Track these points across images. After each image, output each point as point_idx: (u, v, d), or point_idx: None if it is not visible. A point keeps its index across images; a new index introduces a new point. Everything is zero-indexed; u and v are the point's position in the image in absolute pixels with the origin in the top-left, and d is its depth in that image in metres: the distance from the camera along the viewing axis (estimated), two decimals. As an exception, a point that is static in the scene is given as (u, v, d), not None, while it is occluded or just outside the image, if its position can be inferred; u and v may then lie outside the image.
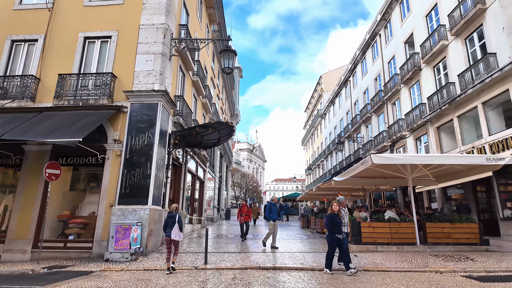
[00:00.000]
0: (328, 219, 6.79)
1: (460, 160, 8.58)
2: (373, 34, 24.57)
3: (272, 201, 10.70)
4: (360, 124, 26.92)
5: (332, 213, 6.81)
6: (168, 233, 6.91)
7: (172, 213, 7.16)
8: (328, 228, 6.76)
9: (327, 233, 6.82)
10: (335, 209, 6.84)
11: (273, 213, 10.02)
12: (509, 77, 11.02)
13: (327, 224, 6.76)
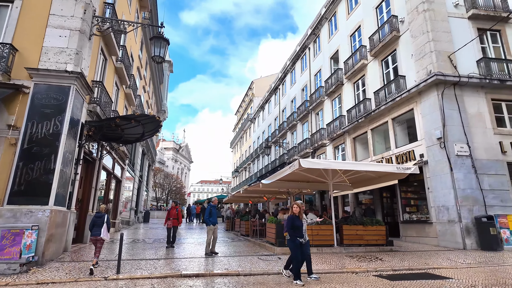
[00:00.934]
0: (288, 221, 6.25)
1: (375, 167, 9.44)
2: (303, 46, 26.03)
3: (213, 202, 9.99)
4: (286, 131, 28.12)
5: (292, 215, 6.29)
6: (96, 232, 7.10)
7: (100, 213, 7.35)
8: (288, 231, 6.18)
9: (288, 238, 6.24)
10: (296, 211, 6.36)
11: (213, 216, 9.42)
12: (414, 98, 12.70)
13: (288, 227, 6.19)
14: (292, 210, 6.43)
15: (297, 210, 6.36)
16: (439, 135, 11.25)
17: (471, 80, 11.63)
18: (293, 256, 6.07)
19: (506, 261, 7.93)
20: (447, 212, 10.82)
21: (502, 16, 12.59)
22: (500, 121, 11.84)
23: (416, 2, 12.98)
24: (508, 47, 12.73)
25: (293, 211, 6.38)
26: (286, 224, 6.33)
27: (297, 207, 6.40)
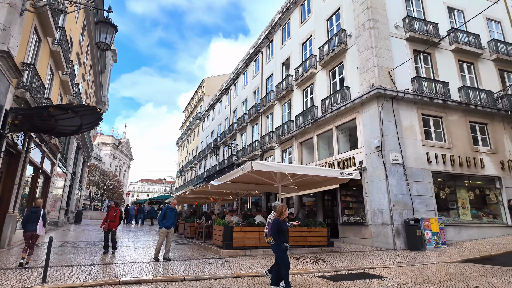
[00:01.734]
0: (274, 225, 5.77)
1: (322, 172, 9.86)
2: (256, 50, 26.33)
3: (171, 205, 9.34)
4: (236, 132, 28.10)
5: (278, 218, 5.84)
6: (31, 228, 7.00)
7: (36, 208, 7.24)
8: (274, 236, 5.73)
9: (273, 242, 5.79)
10: (287, 213, 6.02)
11: (168, 219, 8.80)
12: (357, 108, 13.61)
13: (273, 232, 5.74)
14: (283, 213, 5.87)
15: (287, 214, 6.02)
16: (377, 144, 12.21)
17: (406, 96, 12.86)
18: (280, 262, 5.64)
19: (429, 260, 8.87)
20: (381, 215, 11.77)
21: (433, 41, 14.17)
22: (427, 134, 13.28)
23: (363, 19, 13.96)
24: (437, 69, 14.37)
25: (285, 214, 5.89)
26: (271, 228, 5.85)
27: (286, 210, 6.00)
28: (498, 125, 14.61)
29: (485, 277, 6.67)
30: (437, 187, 12.77)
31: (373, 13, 13.68)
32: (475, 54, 15.24)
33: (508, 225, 13.15)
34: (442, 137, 13.47)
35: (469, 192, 13.36)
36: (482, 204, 13.66)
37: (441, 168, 12.79)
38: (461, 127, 13.81)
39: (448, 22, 15.61)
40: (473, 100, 14.22)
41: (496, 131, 14.44)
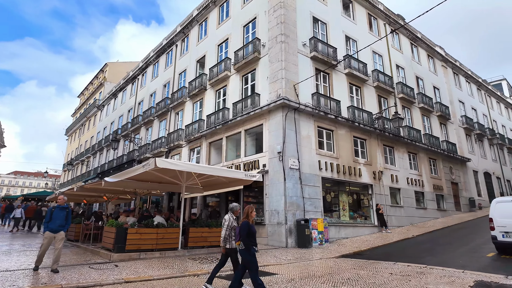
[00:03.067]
0: (244, 228, 5.43)
1: (228, 173, 10.04)
2: (171, 42, 25.20)
3: (58, 201, 7.59)
4: (141, 125, 26.22)
5: (247, 221, 5.54)
6: None
7: None
8: (245, 239, 5.39)
9: (242, 247, 5.45)
10: (254, 215, 5.71)
11: (54, 221, 7.14)
12: (265, 115, 14.40)
13: (244, 235, 5.40)
14: (249, 215, 5.66)
15: (254, 215, 5.82)
16: (280, 150, 13.15)
17: (306, 109, 14.24)
18: (250, 267, 5.36)
19: (314, 256, 9.99)
20: (277, 215, 12.69)
21: (332, 63, 16.10)
22: (321, 144, 14.97)
23: (276, 32, 14.89)
24: (332, 88, 16.39)
25: (251, 216, 5.68)
26: (240, 231, 5.51)
27: (254, 212, 5.82)
28: (373, 141, 17.54)
29: (356, 270, 7.89)
30: (325, 191, 14.51)
31: (285, 28, 14.74)
32: (362, 80, 18.00)
33: (375, 225, 15.86)
34: (332, 147, 15.38)
35: (348, 196, 15.62)
36: (357, 207, 16.14)
37: (329, 174, 14.59)
38: (347, 140, 16.05)
39: (344, 48, 18.01)
40: (357, 118, 16.71)
41: (372, 146, 17.30)
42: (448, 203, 21.45)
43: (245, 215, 5.62)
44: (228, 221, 5.88)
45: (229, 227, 5.84)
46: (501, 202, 9.29)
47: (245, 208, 5.74)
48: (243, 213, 5.70)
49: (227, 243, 5.84)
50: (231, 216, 5.97)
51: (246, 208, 5.72)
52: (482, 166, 27.33)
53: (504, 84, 45.81)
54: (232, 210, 6.06)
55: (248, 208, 5.67)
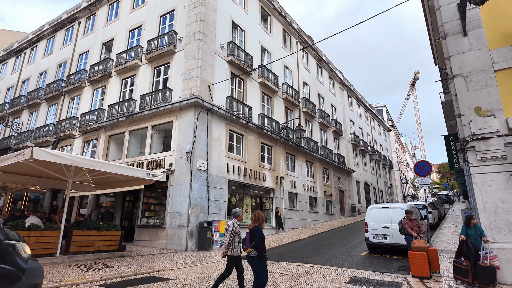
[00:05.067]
0: (258, 234, 5.07)
1: (126, 171, 9.14)
2: (72, 18, 22.01)
3: None
4: (23, 108, 21.96)
5: (260, 226, 5.19)
6: None
7: None
8: (259, 246, 5.02)
9: (253, 254, 5.07)
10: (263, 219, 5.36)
11: None
12: (176, 112, 13.79)
13: (258, 241, 5.03)
14: (261, 219, 5.34)
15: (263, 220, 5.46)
16: (189, 150, 12.76)
17: (220, 111, 14.24)
18: (261, 276, 5.06)
19: (213, 259, 9.93)
20: (180, 217, 12.22)
21: (247, 70, 16.58)
22: (231, 147, 15.17)
23: (194, 29, 14.51)
24: (246, 95, 16.86)
25: (262, 220, 5.35)
26: (255, 237, 5.08)
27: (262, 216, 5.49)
28: (278, 149, 18.70)
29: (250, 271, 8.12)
30: (230, 193, 14.71)
31: (204, 27, 14.51)
32: (273, 91, 19.06)
33: (273, 227, 16.84)
34: (241, 151, 15.75)
35: (252, 199, 16.20)
36: (259, 209, 16.87)
37: (236, 177, 14.86)
38: (255, 146, 16.69)
39: (260, 58, 18.79)
40: (266, 126, 17.57)
41: (276, 153, 18.41)
42: (335, 208, 24.41)
43: (256, 220, 5.36)
44: (232, 226, 5.52)
45: (233, 232, 5.49)
46: (374, 208, 11.02)
47: (255, 213, 5.53)
48: (254, 218, 5.43)
49: (229, 250, 5.46)
50: (235, 221, 5.65)
51: (256, 213, 5.51)
52: (363, 177, 32.11)
53: (384, 110, 55.20)
54: (235, 215, 5.75)
55: (259, 213, 5.47)
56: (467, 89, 8.00)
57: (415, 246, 7.24)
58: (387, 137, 47.34)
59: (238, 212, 5.79)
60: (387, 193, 39.62)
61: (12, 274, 3.15)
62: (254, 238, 5.10)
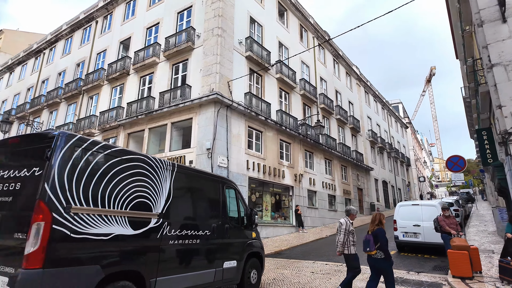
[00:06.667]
0: (383, 235, 4.94)
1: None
2: (90, 17, 22.22)
3: None
4: (43, 107, 22.31)
5: (383, 228, 5.04)
6: None
7: None
8: (385, 248, 4.90)
9: (380, 256, 4.92)
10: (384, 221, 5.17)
11: None
12: (195, 108, 13.67)
13: (384, 243, 4.90)
14: (382, 220, 5.15)
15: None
16: (209, 146, 12.62)
17: (239, 107, 14.04)
18: (391, 280, 4.92)
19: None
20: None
21: (265, 65, 16.33)
22: (250, 144, 14.96)
23: (213, 24, 14.35)
24: (264, 91, 16.61)
25: (383, 222, 5.15)
26: (380, 239, 4.90)
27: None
28: (297, 146, 18.38)
29: (279, 269, 7.90)
30: (250, 191, 14.51)
31: (222, 22, 14.33)
32: (291, 86, 18.75)
33: (293, 225, 16.56)
34: (260, 148, 15.53)
35: (271, 197, 15.96)
36: (278, 207, 16.64)
37: (255, 175, 14.65)
38: (274, 142, 16.43)
39: (277, 54, 18.50)
40: (284, 122, 17.28)
41: (295, 150, 18.10)
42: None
43: (377, 221, 5.14)
44: (345, 225, 5.38)
45: (347, 231, 5.36)
46: (403, 205, 10.61)
47: (374, 215, 5.28)
48: (374, 219, 5.20)
49: (345, 249, 5.36)
50: (348, 219, 5.48)
51: (376, 214, 5.26)
52: (381, 175, 31.44)
53: (400, 106, 54.00)
54: (348, 213, 5.55)
55: (380, 215, 5.23)
56: (507, 78, 7.54)
57: (455, 245, 6.86)
58: (404, 134, 46.31)
59: (352, 211, 5.54)
60: (405, 191, 38.76)
61: None
62: (378, 240, 4.94)
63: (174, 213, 4.39)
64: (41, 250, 2.91)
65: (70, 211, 3.21)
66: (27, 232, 2.98)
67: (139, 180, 4.02)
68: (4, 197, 3.36)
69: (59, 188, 3.18)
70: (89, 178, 3.49)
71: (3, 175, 3.50)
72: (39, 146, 3.41)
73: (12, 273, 2.92)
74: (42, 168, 3.21)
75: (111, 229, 3.56)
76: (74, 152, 3.40)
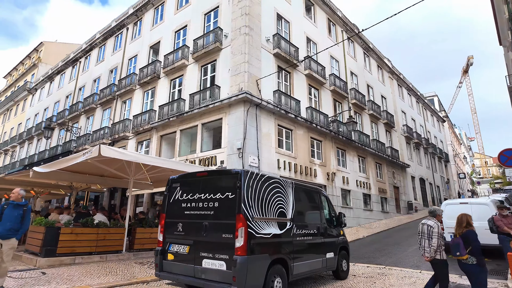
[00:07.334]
0: (476, 239, 4.62)
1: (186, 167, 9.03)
2: (121, 24, 23.02)
3: (13, 197, 5.41)
4: (81, 113, 23.45)
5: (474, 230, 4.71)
6: None
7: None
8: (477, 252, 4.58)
9: (472, 262, 4.58)
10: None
11: (3, 222, 5.12)
12: (225, 108, 13.63)
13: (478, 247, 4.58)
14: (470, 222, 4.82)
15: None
16: (240, 146, 12.50)
17: (268, 105, 13.82)
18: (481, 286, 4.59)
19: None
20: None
21: (294, 62, 15.98)
22: (280, 143, 14.68)
23: (240, 23, 14.24)
24: (293, 88, 16.26)
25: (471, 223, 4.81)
26: (472, 242, 4.60)
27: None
28: (328, 143, 17.83)
29: (318, 271, 7.56)
30: (282, 191, 14.21)
31: (250, 20, 14.17)
32: (320, 82, 18.22)
33: (327, 225, 16.03)
34: (290, 147, 15.20)
35: (304, 196, 15.55)
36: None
37: (287, 174, 14.34)
38: (304, 140, 16.03)
39: (305, 50, 18.06)
40: (314, 119, 16.81)
41: (326, 148, 17.56)
42: (390, 205, 22.85)
43: (465, 223, 4.79)
44: (437, 227, 4.96)
45: (440, 234, 4.94)
46: (450, 204, 9.83)
47: (461, 216, 4.95)
48: (461, 221, 4.85)
49: (437, 254, 4.92)
50: (436, 221, 5.06)
51: (462, 216, 4.93)
52: (418, 172, 29.84)
53: (436, 99, 51.11)
54: (435, 214, 5.15)
55: (467, 216, 4.89)
56: None
57: (517, 247, 6.17)
58: (441, 128, 43.73)
59: (438, 211, 5.16)
60: (444, 189, 36.54)
61: None
62: (470, 244, 4.58)
63: (297, 218, 5.77)
64: (245, 244, 4.46)
65: (254, 220, 4.74)
66: (234, 233, 4.53)
67: (279, 196, 5.47)
68: (207, 211, 4.96)
69: (248, 206, 4.72)
70: (258, 197, 4.99)
71: (200, 196, 5.10)
72: (228, 179, 5.05)
73: (227, 259, 4.48)
74: (234, 193, 4.74)
75: (270, 230, 5.05)
76: (249, 182, 4.90)
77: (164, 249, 5.22)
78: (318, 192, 7.01)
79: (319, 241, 6.30)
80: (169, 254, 5.12)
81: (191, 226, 5.04)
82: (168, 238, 5.29)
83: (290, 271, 5.19)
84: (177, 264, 4.97)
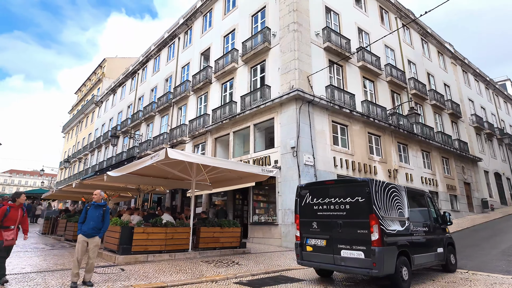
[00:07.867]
0: None
1: (243, 167, 9.17)
2: (173, 35, 24.30)
3: (94, 198, 5.96)
4: (141, 121, 25.25)
5: None
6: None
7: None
8: None
9: None
10: None
11: (88, 221, 5.67)
12: (276, 108, 13.54)
13: None
14: None
15: None
16: (293, 145, 12.30)
17: (321, 102, 13.39)
18: None
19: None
20: (292, 215, 11.80)
21: (346, 55, 15.31)
22: (335, 140, 14.14)
23: (288, 20, 14.04)
24: (346, 82, 15.57)
25: None
26: None
27: None
28: (388, 138, 16.73)
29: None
30: (340, 189, 13.66)
31: (298, 16, 13.90)
32: (376, 74, 17.20)
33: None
34: (346, 144, 14.56)
35: (363, 195, 14.78)
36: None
37: (344, 172, 13.75)
38: (361, 136, 15.23)
39: (357, 41, 17.20)
40: (371, 113, 15.90)
41: (386, 143, 16.49)
42: (461, 203, 20.70)
43: None
44: None
45: None
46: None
47: None
48: None
49: None
50: None
51: None
52: (492, 166, 26.65)
53: (508, 84, 45.30)
54: None
55: None
56: None
57: None
58: (518, 115, 38.56)
59: None
60: (526, 184, 32.10)
61: None
62: None
63: (411, 217, 6.46)
64: (380, 238, 5.35)
65: (383, 218, 5.59)
66: (369, 229, 5.44)
67: (397, 198, 6.23)
68: (339, 212, 5.91)
69: (378, 207, 5.61)
70: (383, 200, 5.82)
71: (330, 200, 6.11)
72: (356, 186, 5.95)
73: (364, 249, 5.42)
74: (364, 197, 5.65)
75: (395, 227, 5.86)
76: (376, 188, 5.78)
77: (302, 242, 6.30)
78: (424, 194, 7.75)
79: (430, 237, 6.94)
80: (307, 247, 6.18)
81: (325, 224, 6.03)
82: (305, 234, 6.34)
83: (411, 262, 5.96)
84: (316, 254, 6.03)
